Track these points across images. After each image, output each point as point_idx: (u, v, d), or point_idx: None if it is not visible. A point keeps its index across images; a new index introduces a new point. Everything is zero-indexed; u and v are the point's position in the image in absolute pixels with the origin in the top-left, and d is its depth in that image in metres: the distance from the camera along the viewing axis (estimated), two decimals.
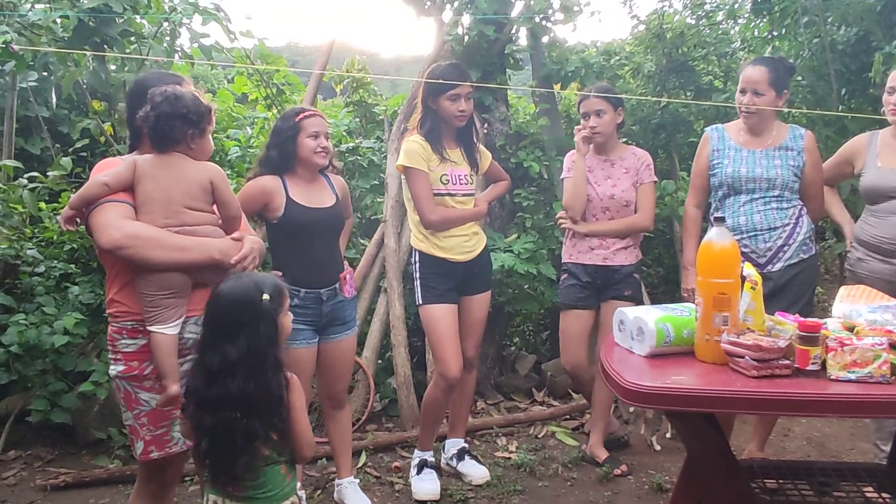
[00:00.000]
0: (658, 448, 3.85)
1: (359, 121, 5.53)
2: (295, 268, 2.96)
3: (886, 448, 3.13)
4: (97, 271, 4.07)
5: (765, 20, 5.56)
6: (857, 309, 2.23)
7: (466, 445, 3.65)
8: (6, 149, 4.47)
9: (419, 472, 3.44)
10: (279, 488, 2.03)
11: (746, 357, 1.95)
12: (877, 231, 3.05)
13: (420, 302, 3.35)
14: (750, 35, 5.93)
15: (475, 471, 3.53)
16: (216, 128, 2.39)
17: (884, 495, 2.44)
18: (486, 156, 3.56)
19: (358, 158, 5.05)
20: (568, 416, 4.33)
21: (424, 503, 3.35)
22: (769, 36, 5.61)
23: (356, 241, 4.78)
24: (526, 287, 4.62)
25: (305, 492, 3.31)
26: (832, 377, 1.93)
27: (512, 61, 4.90)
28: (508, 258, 4.35)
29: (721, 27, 6.05)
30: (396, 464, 3.74)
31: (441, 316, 3.30)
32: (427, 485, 3.39)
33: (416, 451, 3.53)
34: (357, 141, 5.19)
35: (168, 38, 4.43)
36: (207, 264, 2.21)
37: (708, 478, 2.22)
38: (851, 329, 2.09)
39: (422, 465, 3.46)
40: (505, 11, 4.67)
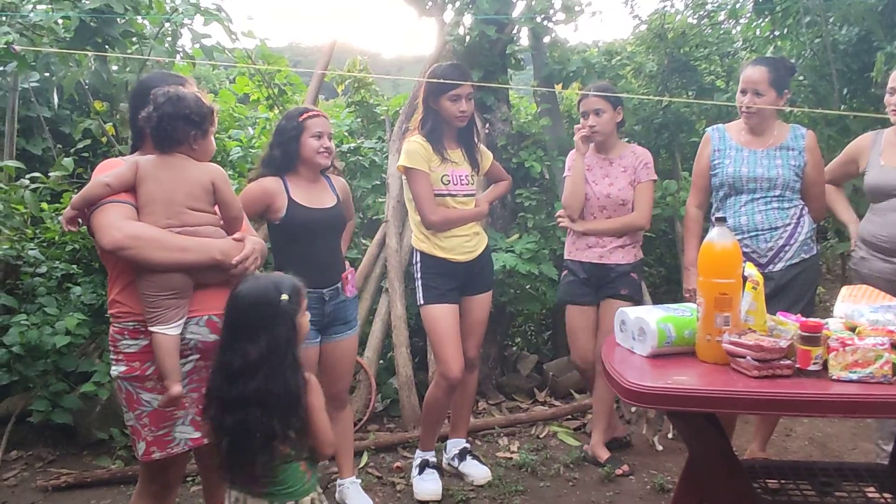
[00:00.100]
0: (660, 448, 3.85)
1: (360, 121, 5.54)
2: (296, 268, 2.93)
3: (888, 448, 3.13)
4: (99, 272, 4.07)
5: (766, 20, 5.55)
6: (859, 309, 2.22)
7: (468, 445, 3.65)
8: (8, 149, 4.47)
9: (421, 473, 3.44)
10: (299, 484, 2.06)
11: (748, 357, 1.95)
12: (878, 230, 3.05)
13: (421, 302, 3.35)
14: (752, 35, 5.92)
15: (477, 471, 3.53)
16: (218, 128, 2.39)
17: (885, 495, 2.44)
18: (487, 156, 3.56)
19: (359, 159, 5.05)
20: (570, 417, 4.33)
21: (426, 503, 3.36)
22: (771, 36, 5.60)
23: (358, 241, 4.79)
24: (527, 287, 4.62)
25: None
26: (834, 377, 1.92)
27: (513, 61, 4.90)
28: (510, 258, 4.35)
29: (723, 27, 6.05)
30: (398, 464, 3.74)
31: (442, 316, 3.30)
32: (429, 485, 3.39)
33: (418, 452, 3.54)
34: (359, 141, 5.20)
35: (170, 39, 4.43)
36: (209, 265, 2.21)
37: (710, 478, 2.22)
38: (853, 329, 2.08)
39: (423, 466, 3.46)
40: (506, 11, 4.67)
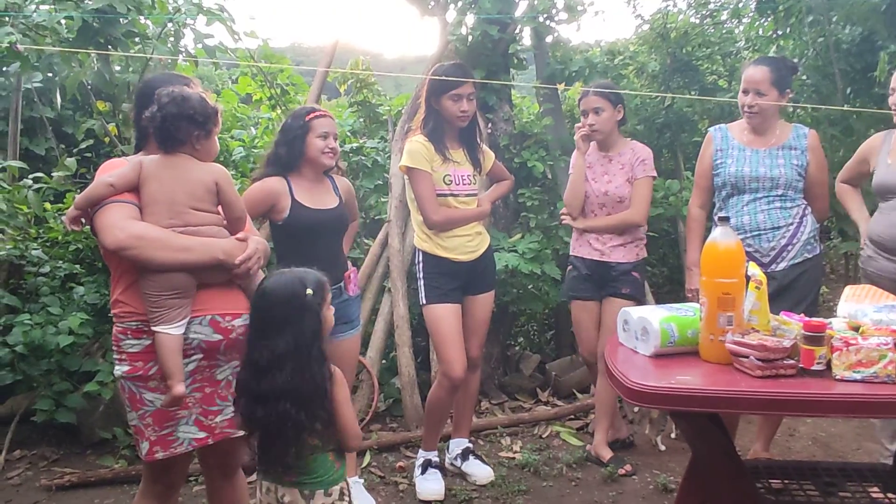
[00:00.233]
0: (663, 448, 3.85)
1: (363, 121, 5.54)
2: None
3: (893, 447, 3.13)
4: (102, 272, 4.07)
5: (769, 19, 5.54)
6: (863, 308, 2.22)
7: (471, 445, 3.65)
8: (11, 149, 4.48)
9: (423, 472, 3.44)
10: (328, 474, 2.10)
11: (751, 357, 1.95)
12: (882, 229, 3.04)
13: (424, 302, 3.36)
14: (754, 34, 5.91)
15: (479, 471, 3.53)
16: (220, 128, 2.39)
17: (889, 495, 2.44)
18: (489, 156, 3.56)
19: (362, 158, 5.05)
20: (572, 416, 4.33)
21: (429, 503, 3.35)
22: (773, 35, 5.59)
23: (360, 241, 4.79)
24: (530, 287, 4.62)
25: None
26: (837, 377, 1.92)
27: (516, 61, 4.90)
28: (512, 258, 4.35)
29: (725, 26, 6.04)
30: (401, 464, 3.74)
31: (445, 316, 3.31)
32: (431, 485, 3.39)
33: (421, 451, 3.54)
34: (361, 141, 5.19)
35: (172, 39, 4.44)
36: (212, 265, 2.21)
37: (713, 478, 2.22)
38: (857, 329, 2.08)
39: (426, 465, 3.46)
40: (509, 11, 4.67)
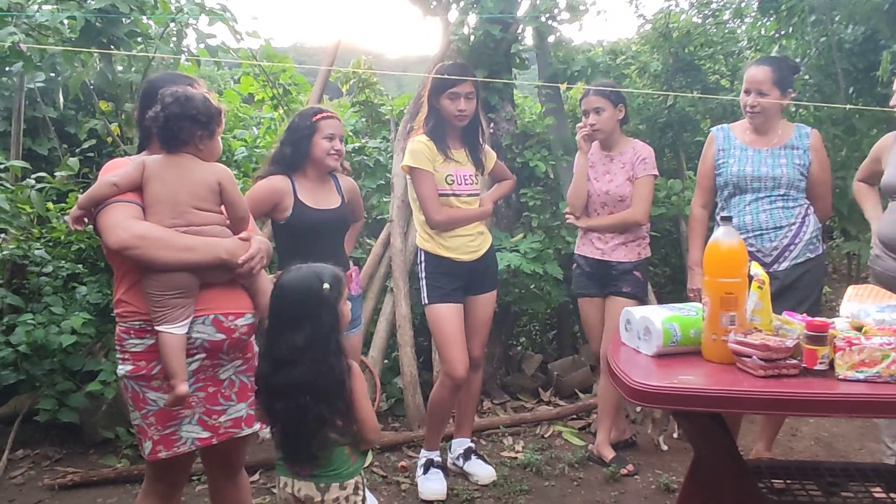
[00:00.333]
0: (665, 448, 3.85)
1: (365, 121, 5.54)
2: None
3: None
4: (105, 271, 4.08)
5: (772, 19, 5.53)
6: (865, 308, 2.22)
7: (473, 445, 3.66)
8: (14, 149, 4.49)
9: (425, 472, 3.45)
10: (344, 468, 2.12)
11: (754, 357, 1.94)
12: (889, 228, 3.03)
13: (426, 301, 3.36)
14: (757, 34, 5.91)
15: (481, 470, 3.54)
16: (223, 128, 2.40)
17: (892, 495, 2.43)
18: (491, 156, 3.56)
19: (364, 158, 5.05)
20: (574, 416, 4.33)
21: (431, 503, 3.36)
22: (776, 35, 5.58)
23: (362, 241, 4.79)
24: (532, 287, 4.62)
25: None
26: (840, 377, 1.91)
27: (518, 61, 4.89)
28: (515, 258, 4.35)
29: (727, 26, 6.04)
30: (403, 463, 3.74)
31: (447, 315, 3.31)
32: (433, 484, 3.39)
33: (423, 451, 3.54)
34: (363, 141, 5.20)
35: (175, 39, 4.44)
36: (215, 264, 2.21)
37: (715, 478, 2.22)
38: (860, 328, 2.08)
39: (428, 465, 3.46)
40: (511, 11, 4.67)
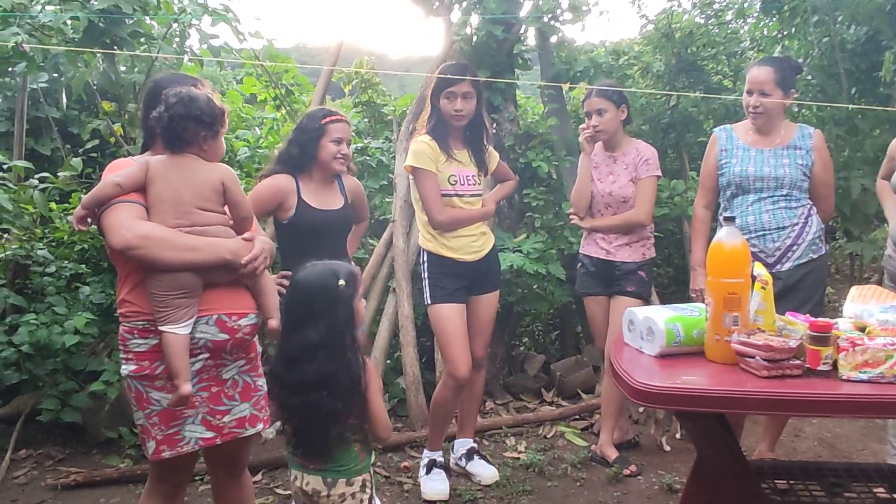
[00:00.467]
0: (668, 448, 3.85)
1: (367, 121, 5.55)
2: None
3: None
4: (107, 271, 4.09)
5: (774, 19, 5.52)
6: (869, 309, 2.21)
7: (475, 445, 3.66)
8: (17, 149, 4.49)
9: (428, 472, 3.45)
10: (353, 464, 2.15)
11: (757, 357, 1.94)
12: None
13: (429, 302, 3.36)
14: (759, 34, 5.90)
15: (484, 471, 3.54)
16: (227, 128, 2.41)
17: (895, 496, 2.43)
18: (494, 156, 3.56)
19: (367, 159, 5.06)
20: (577, 417, 4.33)
21: (433, 503, 3.36)
22: (778, 35, 5.58)
23: (365, 241, 4.79)
24: (535, 287, 4.62)
25: None
26: (843, 377, 1.91)
27: (520, 61, 4.90)
28: (517, 258, 4.35)
29: (730, 26, 6.03)
30: (405, 463, 3.74)
31: (450, 316, 3.31)
32: (436, 485, 3.39)
33: (426, 451, 3.54)
34: (366, 141, 5.20)
35: (178, 39, 4.45)
36: (218, 264, 2.21)
37: (718, 478, 2.22)
38: (863, 329, 2.08)
39: (431, 465, 3.46)
40: (513, 11, 4.67)
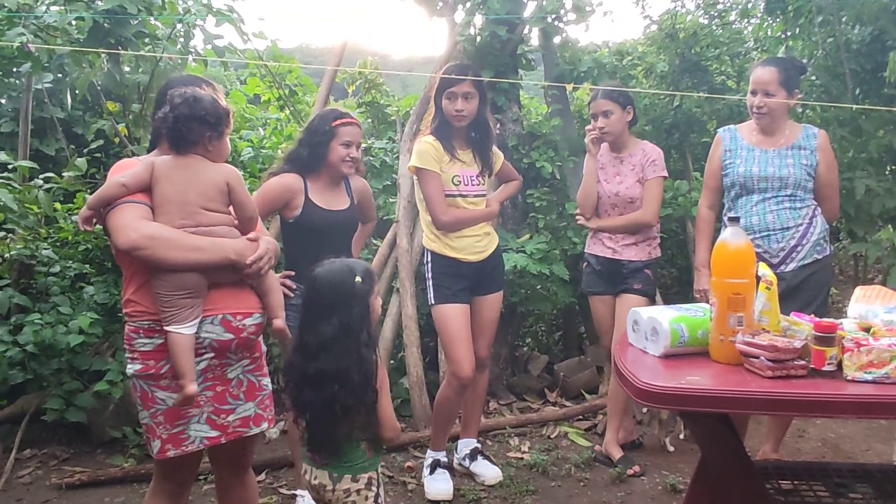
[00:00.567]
0: (671, 449, 3.85)
1: (371, 121, 5.55)
2: (306, 267, 2.96)
3: None
4: (112, 271, 4.10)
5: (778, 19, 5.51)
6: (873, 309, 2.22)
7: (479, 445, 3.66)
8: (21, 150, 4.50)
9: (432, 472, 3.45)
10: (358, 461, 2.16)
11: (761, 357, 1.94)
12: None
13: (432, 302, 3.36)
14: (763, 35, 5.89)
15: (488, 471, 3.54)
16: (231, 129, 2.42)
17: None
18: (499, 156, 3.57)
19: (370, 159, 5.06)
20: (580, 417, 4.33)
21: (437, 503, 3.36)
22: (783, 35, 5.57)
23: (368, 242, 4.79)
24: (538, 287, 4.62)
25: None
26: (848, 378, 1.92)
27: (524, 62, 4.90)
28: (521, 258, 4.35)
29: (734, 27, 6.03)
30: (409, 464, 3.74)
31: (453, 316, 3.31)
32: (440, 485, 3.39)
33: (429, 451, 3.54)
34: (369, 141, 5.20)
35: (182, 40, 4.45)
36: (223, 265, 2.22)
37: (722, 479, 2.22)
38: (868, 329, 2.08)
39: (434, 465, 3.47)
40: (517, 12, 4.67)
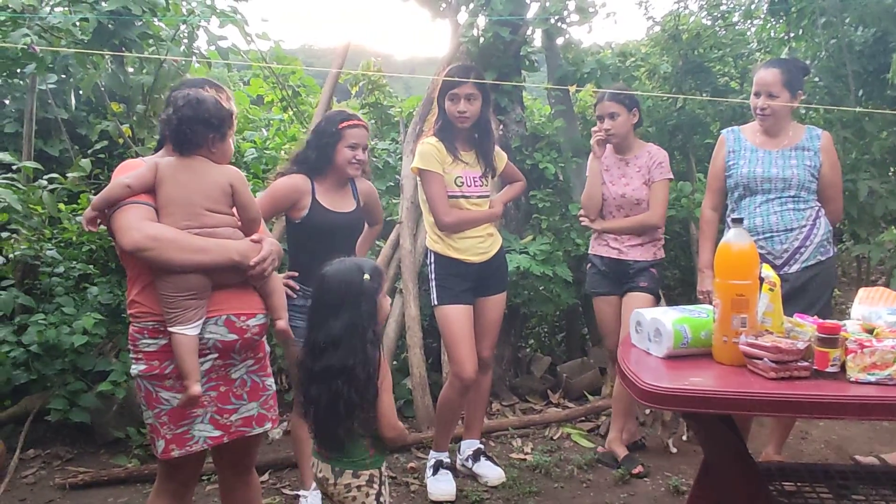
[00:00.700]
0: (674, 450, 3.84)
1: (374, 122, 5.56)
2: (311, 268, 2.97)
3: None
4: (115, 272, 4.11)
5: (781, 21, 5.52)
6: (877, 311, 2.22)
7: (482, 446, 3.66)
8: (26, 150, 4.51)
9: (435, 473, 3.45)
10: (360, 458, 2.17)
11: (765, 359, 1.94)
12: None
13: (435, 303, 3.37)
14: (766, 36, 5.90)
15: (490, 472, 3.54)
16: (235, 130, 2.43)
17: None
18: (502, 157, 3.57)
19: (373, 160, 5.07)
20: (583, 418, 4.33)
21: (440, 503, 3.37)
22: (786, 37, 5.57)
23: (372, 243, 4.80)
24: (541, 288, 4.61)
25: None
26: (851, 379, 1.92)
27: (527, 63, 4.90)
28: (524, 260, 4.36)
29: (737, 28, 6.03)
30: (412, 464, 3.75)
31: (456, 317, 3.31)
32: (443, 485, 3.39)
33: (432, 452, 3.55)
34: (372, 143, 5.21)
35: (186, 41, 4.47)
36: (227, 266, 2.22)
37: (725, 480, 2.22)
38: (871, 331, 2.08)
39: (437, 466, 3.47)
40: (520, 13, 4.68)
